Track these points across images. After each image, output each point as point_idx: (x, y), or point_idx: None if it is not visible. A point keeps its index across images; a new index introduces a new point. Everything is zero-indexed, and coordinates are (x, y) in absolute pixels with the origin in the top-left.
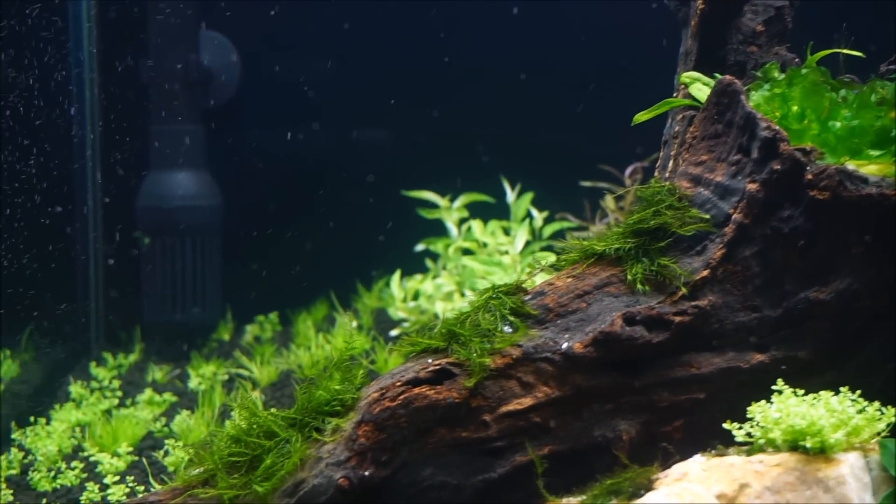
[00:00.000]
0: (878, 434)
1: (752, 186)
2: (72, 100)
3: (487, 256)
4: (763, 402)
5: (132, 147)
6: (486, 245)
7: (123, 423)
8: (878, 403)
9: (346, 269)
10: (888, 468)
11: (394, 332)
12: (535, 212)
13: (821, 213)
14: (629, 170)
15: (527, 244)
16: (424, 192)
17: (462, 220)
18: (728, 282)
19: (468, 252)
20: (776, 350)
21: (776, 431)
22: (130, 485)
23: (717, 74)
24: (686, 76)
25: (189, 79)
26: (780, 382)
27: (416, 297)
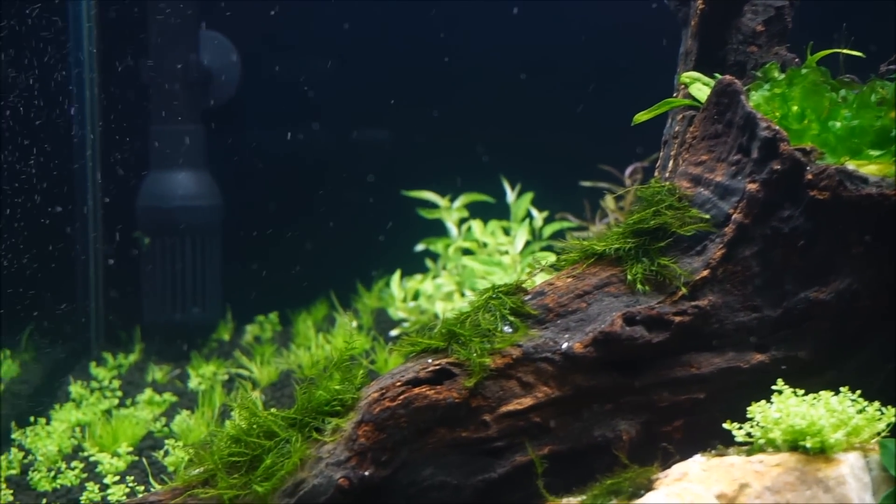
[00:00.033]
0: (878, 434)
1: (752, 186)
2: (72, 100)
3: (487, 256)
4: (763, 402)
5: (132, 147)
6: (486, 245)
7: (123, 423)
8: (878, 403)
9: (346, 269)
10: (888, 468)
11: (394, 332)
12: (535, 212)
13: (821, 213)
14: (629, 170)
15: (527, 244)
16: (424, 192)
17: (462, 220)
18: (728, 282)
19: (468, 252)
20: (776, 350)
21: (776, 431)
22: (130, 485)
23: (717, 74)
24: (686, 76)
25: (189, 79)
26: (780, 382)
27: (416, 297)
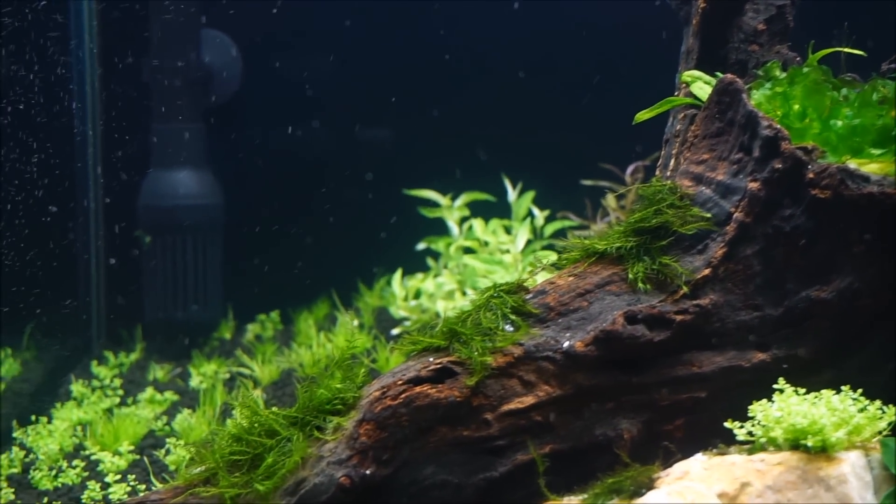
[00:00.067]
0: (880, 433)
1: (754, 185)
2: (73, 98)
3: (489, 255)
4: (764, 401)
5: (134, 146)
6: (488, 244)
7: (125, 422)
8: (880, 402)
9: (348, 268)
10: (889, 467)
11: (395, 331)
12: (537, 210)
13: (822, 212)
14: (630, 168)
15: (528, 243)
16: (426, 191)
17: (463, 219)
18: (729, 280)
19: (469, 251)
20: (777, 349)
21: (777, 430)
22: (132, 483)
23: (719, 73)
24: (687, 75)
25: (190, 77)
26: (782, 381)
27: (418, 296)
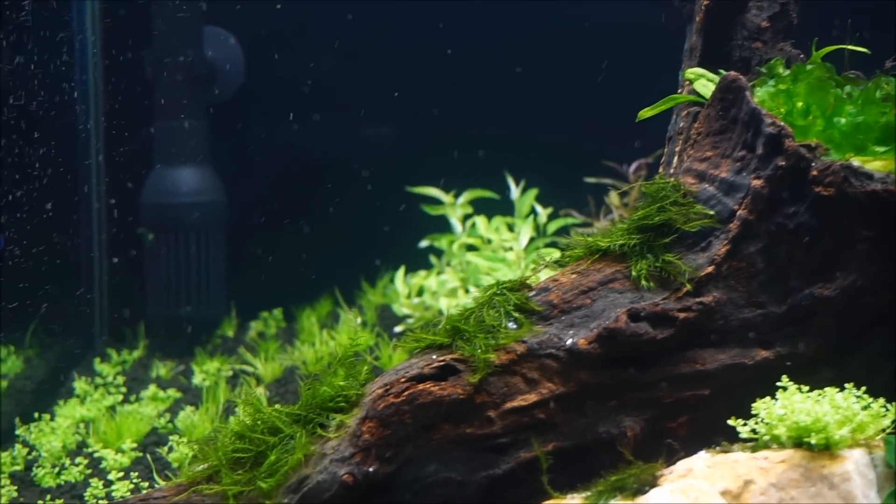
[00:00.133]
0: (883, 431)
1: (757, 182)
2: (76, 94)
3: (492, 253)
4: (768, 399)
5: (137, 143)
6: (491, 241)
7: (127, 420)
8: (883, 400)
9: (351, 266)
10: (892, 464)
11: (398, 329)
12: (540, 208)
13: (826, 210)
14: (634, 166)
15: (531, 240)
16: (429, 189)
17: (466, 217)
18: (733, 278)
19: (472, 248)
20: (781, 346)
21: (781, 428)
22: (134, 481)
23: (722, 70)
24: (691, 72)
25: (193, 74)
26: (785, 379)
27: (421, 294)
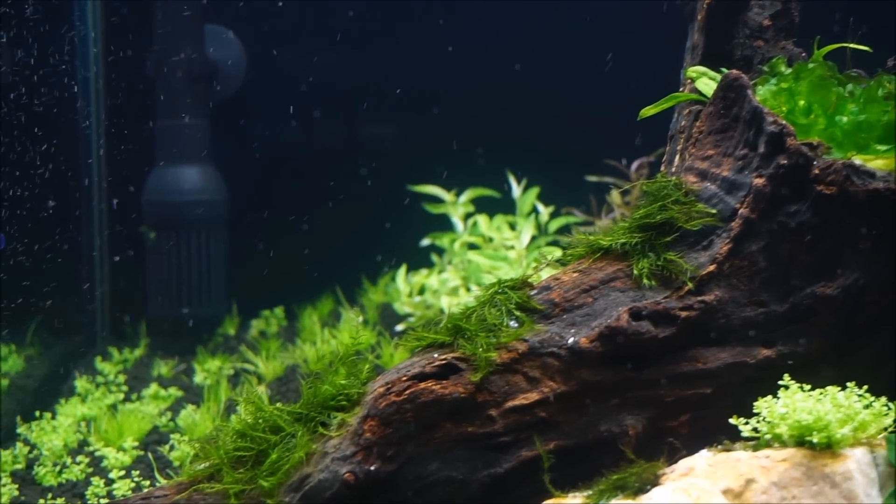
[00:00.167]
0: (885, 429)
1: (759, 181)
2: (77, 93)
3: (493, 251)
4: (769, 398)
5: (139, 141)
6: (492, 240)
7: (129, 418)
8: (885, 399)
9: (352, 264)
10: (894, 463)
11: (399, 327)
12: (541, 206)
13: (827, 208)
14: (635, 164)
15: (532, 239)
16: (430, 187)
17: (468, 215)
18: (734, 277)
19: (474, 247)
20: (782, 345)
21: (783, 426)
22: (136, 479)
23: (724, 69)
24: (692, 71)
25: (195, 72)
26: (787, 377)
27: (422, 292)
